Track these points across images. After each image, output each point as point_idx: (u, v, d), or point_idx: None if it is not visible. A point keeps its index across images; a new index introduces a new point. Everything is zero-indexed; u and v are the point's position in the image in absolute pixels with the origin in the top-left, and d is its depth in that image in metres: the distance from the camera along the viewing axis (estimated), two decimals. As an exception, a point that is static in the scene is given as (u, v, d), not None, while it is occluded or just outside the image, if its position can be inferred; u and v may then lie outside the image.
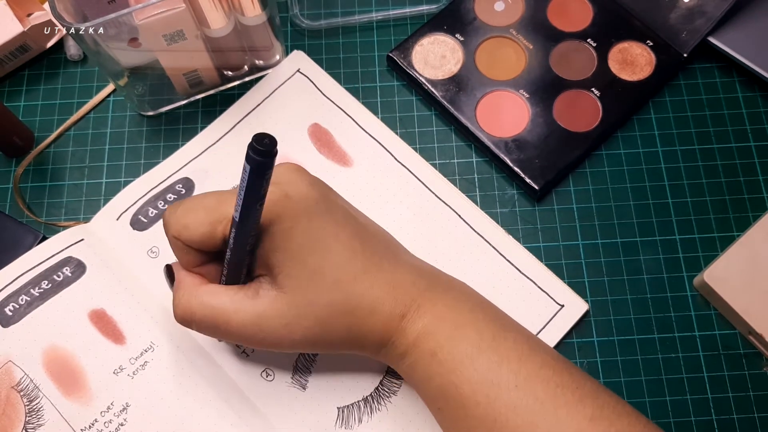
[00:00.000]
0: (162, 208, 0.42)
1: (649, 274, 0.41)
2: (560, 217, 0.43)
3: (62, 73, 0.47)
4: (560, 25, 0.46)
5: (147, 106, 0.45)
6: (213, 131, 0.44)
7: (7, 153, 0.45)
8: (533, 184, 0.42)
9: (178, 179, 0.43)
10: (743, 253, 0.40)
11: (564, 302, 0.40)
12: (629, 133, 0.45)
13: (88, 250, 0.41)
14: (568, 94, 0.44)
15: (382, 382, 0.38)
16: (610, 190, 0.43)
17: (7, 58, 0.45)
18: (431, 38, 0.46)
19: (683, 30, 0.45)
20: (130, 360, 0.38)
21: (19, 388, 0.38)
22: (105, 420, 0.37)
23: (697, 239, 0.42)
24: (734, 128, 0.45)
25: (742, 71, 0.46)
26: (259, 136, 0.26)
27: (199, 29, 0.40)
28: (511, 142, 0.43)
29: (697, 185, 0.43)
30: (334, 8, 0.48)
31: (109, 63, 0.40)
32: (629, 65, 0.45)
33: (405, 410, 0.38)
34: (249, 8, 0.40)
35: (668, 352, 0.40)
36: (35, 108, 0.46)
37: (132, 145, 0.45)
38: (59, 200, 0.44)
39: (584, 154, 0.44)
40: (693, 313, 0.40)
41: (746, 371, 0.39)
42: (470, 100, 0.44)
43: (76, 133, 0.45)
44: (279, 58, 0.46)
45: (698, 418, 0.38)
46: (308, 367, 0.39)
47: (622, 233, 0.42)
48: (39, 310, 0.39)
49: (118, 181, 0.44)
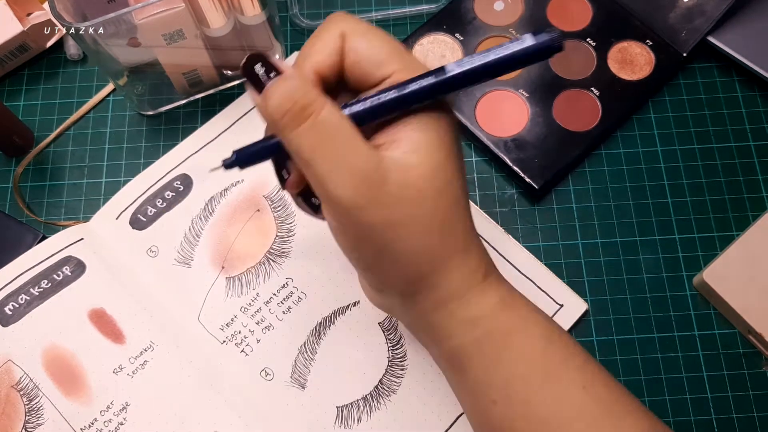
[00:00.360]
0: (161, 207, 0.42)
1: (649, 274, 0.41)
2: (560, 217, 0.43)
3: (62, 72, 0.47)
4: (560, 25, 0.46)
5: (146, 106, 0.45)
6: (211, 128, 0.44)
7: (7, 152, 0.45)
8: (533, 183, 0.42)
9: (176, 176, 0.43)
10: (742, 253, 0.40)
11: (563, 302, 0.40)
12: (629, 132, 0.45)
13: (87, 249, 0.41)
14: (567, 93, 0.44)
15: (381, 381, 0.38)
16: (609, 189, 0.43)
17: (7, 58, 0.45)
18: (431, 38, 0.46)
19: (683, 29, 0.45)
20: (129, 359, 0.38)
21: (18, 387, 0.38)
22: (104, 419, 0.37)
23: (696, 239, 0.42)
24: (734, 128, 0.45)
25: (742, 71, 0.46)
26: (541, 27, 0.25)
27: (198, 29, 0.40)
28: (510, 141, 0.43)
29: (697, 185, 0.43)
30: (334, 8, 0.48)
31: (109, 62, 0.40)
32: (629, 65, 0.45)
33: (404, 409, 0.38)
34: (248, 8, 0.40)
35: (667, 351, 0.40)
36: (35, 107, 0.46)
37: (131, 145, 0.45)
38: (59, 200, 0.44)
39: (584, 154, 0.44)
40: (692, 313, 0.40)
41: (745, 370, 0.39)
42: (470, 100, 0.44)
43: (76, 132, 0.45)
44: (278, 57, 0.46)
45: (697, 417, 0.38)
46: (307, 366, 0.39)
47: (622, 233, 0.42)
48: (39, 309, 0.39)
49: (118, 181, 0.44)
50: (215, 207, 0.42)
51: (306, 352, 0.39)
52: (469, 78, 0.25)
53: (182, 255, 0.41)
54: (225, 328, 0.39)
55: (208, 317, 0.40)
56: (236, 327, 0.39)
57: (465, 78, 0.25)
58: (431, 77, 0.26)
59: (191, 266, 0.41)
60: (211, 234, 0.41)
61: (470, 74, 0.25)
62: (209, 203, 0.42)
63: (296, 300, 0.40)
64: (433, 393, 0.38)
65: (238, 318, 0.40)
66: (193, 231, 0.42)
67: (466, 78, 0.25)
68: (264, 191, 0.42)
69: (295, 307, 0.40)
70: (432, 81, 0.26)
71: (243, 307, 0.40)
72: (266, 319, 0.40)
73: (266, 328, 0.39)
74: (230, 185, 0.43)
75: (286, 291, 0.40)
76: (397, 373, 0.38)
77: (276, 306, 0.40)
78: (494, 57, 0.25)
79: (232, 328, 0.39)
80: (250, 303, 0.40)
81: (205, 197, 0.42)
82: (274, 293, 0.40)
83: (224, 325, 0.40)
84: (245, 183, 0.43)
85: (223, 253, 0.41)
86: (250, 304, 0.40)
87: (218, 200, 0.42)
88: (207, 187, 0.43)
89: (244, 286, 0.40)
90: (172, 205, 0.42)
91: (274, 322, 0.40)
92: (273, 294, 0.40)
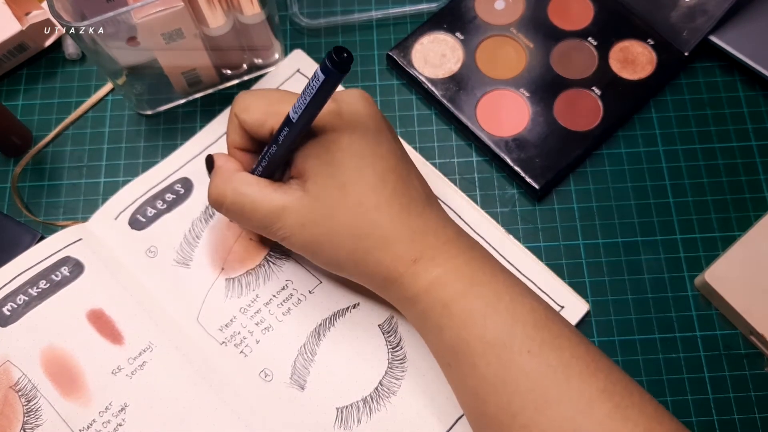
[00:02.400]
0: (161, 208, 0.42)
1: (650, 274, 0.41)
2: (561, 217, 0.43)
3: (60, 72, 0.47)
4: (561, 24, 0.46)
5: (145, 106, 0.45)
6: (212, 131, 0.44)
7: (5, 152, 0.44)
8: (534, 183, 0.42)
9: (177, 179, 0.43)
10: (744, 253, 0.39)
11: (564, 303, 0.40)
12: (630, 132, 0.45)
13: (86, 249, 0.40)
14: (568, 93, 0.44)
15: (381, 382, 0.38)
16: (611, 189, 0.43)
17: (5, 57, 0.45)
18: (431, 37, 0.46)
19: (684, 29, 0.45)
20: (128, 360, 0.38)
21: (17, 388, 0.37)
22: (103, 420, 0.37)
23: (698, 239, 0.42)
24: (735, 127, 0.45)
25: (744, 70, 0.45)
26: (339, 48, 0.28)
27: (197, 28, 0.40)
28: (511, 141, 0.43)
29: (699, 185, 0.43)
30: (334, 7, 0.48)
31: (108, 62, 0.40)
32: (630, 64, 0.45)
33: (404, 411, 0.38)
34: (248, 7, 0.40)
35: (669, 352, 0.39)
36: (33, 107, 0.46)
37: (130, 145, 0.45)
38: (57, 200, 0.43)
39: (585, 154, 0.43)
40: (694, 313, 0.40)
41: (747, 371, 0.39)
42: (470, 99, 0.44)
43: (75, 132, 0.45)
44: (278, 56, 0.46)
45: (699, 418, 0.38)
46: (307, 367, 0.38)
47: (623, 233, 0.42)
48: (37, 309, 0.39)
49: (117, 181, 0.44)
50: (215, 210, 0.42)
51: (306, 353, 0.39)
52: (304, 116, 0.31)
53: (181, 255, 0.41)
54: (224, 329, 0.39)
55: (208, 318, 0.39)
56: (235, 328, 0.39)
57: (303, 116, 0.31)
58: (283, 127, 0.32)
59: (190, 267, 0.41)
60: (210, 235, 0.41)
61: (304, 113, 0.31)
62: (210, 207, 0.42)
63: (296, 302, 0.40)
64: (433, 395, 0.38)
65: (237, 319, 0.40)
66: (193, 232, 0.41)
67: (303, 116, 0.31)
68: None
69: (294, 308, 0.40)
70: (284, 125, 0.32)
71: (242, 308, 0.40)
72: (266, 320, 0.39)
73: (266, 329, 0.39)
74: None
75: (286, 293, 0.40)
76: (397, 374, 0.38)
77: (276, 307, 0.40)
78: (305, 102, 0.30)
79: (232, 328, 0.39)
80: (250, 304, 0.40)
81: (206, 201, 0.42)
82: (273, 295, 0.40)
83: (223, 326, 0.39)
84: (245, 183, 0.43)
85: (223, 255, 0.41)
86: (250, 305, 0.40)
87: (218, 200, 0.42)
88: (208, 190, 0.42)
89: (243, 287, 0.40)
90: (172, 207, 0.42)
91: (273, 323, 0.39)
92: (273, 295, 0.40)
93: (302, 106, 0.30)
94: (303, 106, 0.30)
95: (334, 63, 0.28)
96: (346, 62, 0.28)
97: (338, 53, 0.28)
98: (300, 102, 0.30)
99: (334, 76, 0.28)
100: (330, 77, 0.28)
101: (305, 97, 0.30)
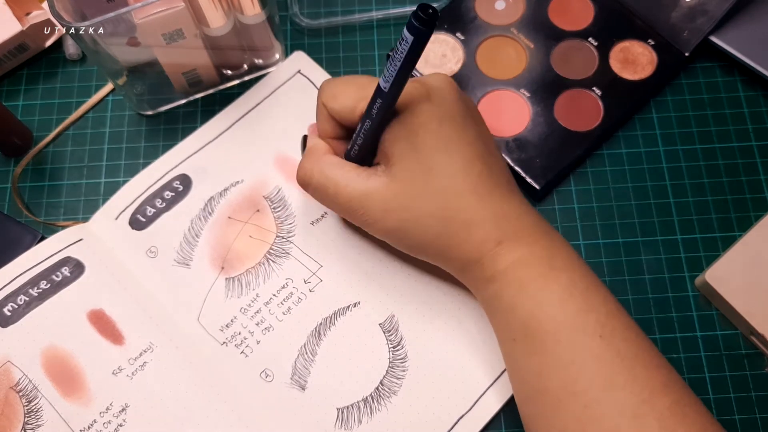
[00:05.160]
0: (160, 207, 0.42)
1: (651, 275, 0.41)
2: (561, 217, 0.43)
3: (61, 72, 0.47)
4: (561, 24, 0.46)
5: (146, 106, 0.45)
6: (211, 128, 0.44)
7: (6, 152, 0.44)
8: (534, 183, 0.42)
9: (175, 176, 0.43)
10: (745, 253, 0.39)
11: (565, 302, 0.40)
12: (630, 132, 0.45)
13: (86, 250, 0.40)
14: (569, 93, 0.44)
15: (382, 382, 0.38)
16: (611, 189, 0.43)
17: (6, 58, 0.45)
18: (431, 37, 0.46)
19: (685, 29, 0.45)
20: (129, 360, 0.38)
21: (17, 388, 0.37)
22: (104, 421, 0.37)
23: (698, 239, 0.42)
24: (736, 128, 0.45)
25: (744, 70, 0.45)
26: (424, 5, 0.27)
27: (198, 28, 0.40)
28: (511, 141, 0.43)
29: (699, 185, 0.43)
30: (334, 7, 0.48)
31: (108, 62, 0.40)
32: (631, 64, 0.45)
33: (405, 410, 0.38)
34: (248, 7, 0.40)
35: (669, 352, 0.39)
36: (34, 107, 0.46)
37: (131, 145, 0.45)
38: (58, 200, 0.43)
39: (585, 154, 0.43)
40: (694, 314, 0.40)
41: (748, 372, 0.39)
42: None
43: (75, 132, 0.45)
44: (279, 57, 0.46)
45: (700, 418, 0.38)
46: (307, 367, 0.38)
47: (624, 233, 0.42)
48: (38, 310, 0.39)
49: (117, 181, 0.44)
50: (215, 207, 0.42)
51: (306, 353, 0.39)
52: (396, 82, 0.30)
53: (182, 255, 0.41)
54: (225, 329, 0.39)
55: (208, 318, 0.39)
56: (236, 328, 0.39)
57: (395, 83, 0.30)
58: (374, 101, 0.32)
59: (191, 267, 0.41)
60: (210, 234, 0.41)
61: (396, 80, 0.30)
62: (209, 203, 0.42)
63: (296, 301, 0.40)
64: (434, 394, 0.38)
65: (237, 319, 0.40)
66: (193, 231, 0.41)
67: (395, 83, 0.30)
68: (264, 191, 0.42)
69: (295, 308, 0.40)
70: (375, 97, 0.32)
71: (243, 308, 0.40)
72: (266, 320, 0.39)
73: (266, 329, 0.39)
74: (230, 185, 0.43)
75: (286, 292, 0.40)
76: (398, 374, 0.38)
77: (276, 307, 0.40)
78: (396, 65, 0.29)
79: (232, 329, 0.39)
80: (250, 304, 0.40)
81: (205, 197, 0.42)
82: (274, 294, 0.40)
83: (224, 326, 0.39)
84: (245, 183, 0.43)
85: (223, 253, 0.41)
86: (250, 305, 0.40)
87: (218, 200, 0.42)
88: (206, 188, 0.42)
89: (243, 286, 0.40)
90: (171, 205, 0.42)
91: (274, 323, 0.39)
92: (273, 295, 0.40)
93: (393, 72, 0.29)
94: (394, 72, 0.29)
95: (421, 20, 0.27)
96: (433, 18, 0.27)
97: (424, 9, 0.27)
98: (390, 69, 0.30)
99: (423, 34, 0.27)
100: (419, 36, 0.27)
101: (395, 63, 0.29)
